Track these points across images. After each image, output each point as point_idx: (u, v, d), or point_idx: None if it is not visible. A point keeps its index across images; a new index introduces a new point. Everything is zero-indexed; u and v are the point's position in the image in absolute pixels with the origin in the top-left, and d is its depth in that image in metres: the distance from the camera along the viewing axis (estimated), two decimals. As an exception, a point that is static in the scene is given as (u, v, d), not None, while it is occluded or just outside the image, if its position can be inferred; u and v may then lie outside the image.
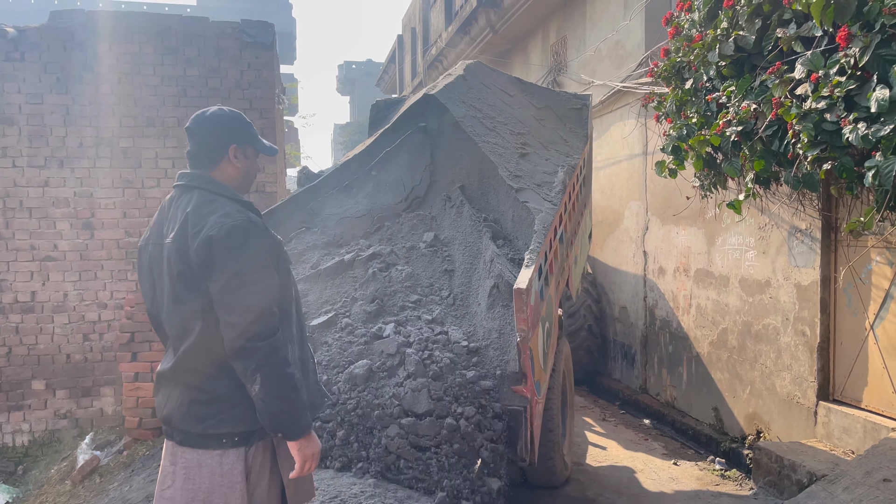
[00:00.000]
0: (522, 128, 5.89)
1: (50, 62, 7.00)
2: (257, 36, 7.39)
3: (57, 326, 7.08)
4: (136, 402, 6.51)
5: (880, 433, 4.66)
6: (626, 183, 8.46)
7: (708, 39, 3.86)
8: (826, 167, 2.89)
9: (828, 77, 2.87)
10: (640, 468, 5.64)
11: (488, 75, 6.53)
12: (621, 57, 8.67)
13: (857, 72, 2.73)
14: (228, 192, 2.33)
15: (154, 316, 2.41)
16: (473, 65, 6.41)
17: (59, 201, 7.07)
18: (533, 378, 3.84)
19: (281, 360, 2.16)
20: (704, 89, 4.09)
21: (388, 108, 6.72)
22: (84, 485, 6.15)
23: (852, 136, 2.64)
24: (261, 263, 2.19)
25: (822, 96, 2.85)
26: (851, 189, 2.99)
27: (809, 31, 3.11)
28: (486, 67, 6.73)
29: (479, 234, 4.82)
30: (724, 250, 6.43)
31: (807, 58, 3.01)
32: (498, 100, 6.11)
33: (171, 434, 2.31)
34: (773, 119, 3.19)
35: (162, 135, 7.27)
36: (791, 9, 3.18)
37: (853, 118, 2.68)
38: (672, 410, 7.29)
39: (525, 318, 3.61)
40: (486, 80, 6.34)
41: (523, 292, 3.56)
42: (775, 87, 3.13)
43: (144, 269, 2.39)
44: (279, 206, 5.58)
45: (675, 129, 4.33)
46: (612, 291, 8.93)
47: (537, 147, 5.75)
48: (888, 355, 4.73)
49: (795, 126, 2.96)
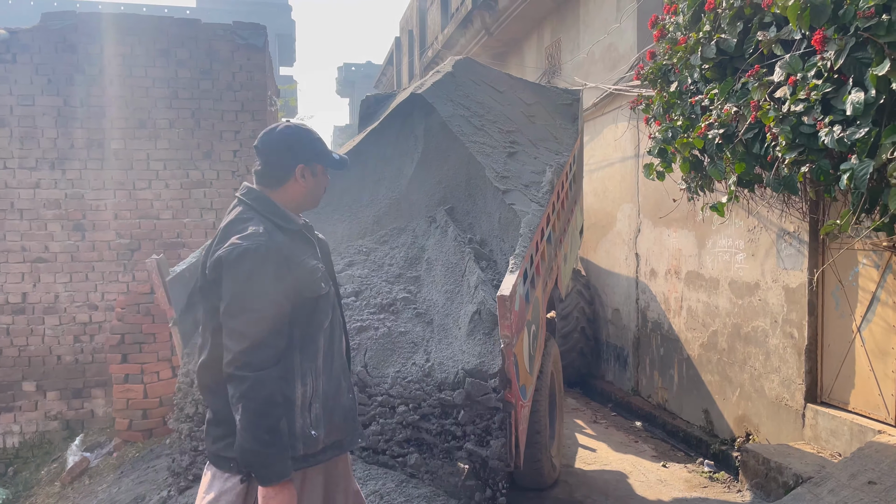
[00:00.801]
0: (511, 125, 5.87)
1: (41, 64, 7.01)
2: (249, 38, 7.40)
3: (48, 328, 7.08)
4: (126, 403, 6.50)
5: (866, 435, 4.66)
6: (618, 185, 8.47)
7: (691, 42, 3.87)
8: (804, 170, 2.90)
9: (805, 80, 2.87)
10: (630, 470, 5.64)
11: (477, 71, 6.51)
12: (614, 59, 8.69)
13: (834, 75, 2.74)
14: (271, 210, 2.28)
15: None
16: (462, 61, 6.39)
17: (51, 203, 7.07)
18: (518, 383, 3.81)
19: (265, 396, 2.05)
20: (689, 92, 4.10)
21: (378, 103, 6.69)
22: (73, 486, 6.15)
23: (828, 139, 2.65)
24: (263, 291, 2.10)
25: (799, 99, 2.86)
26: (829, 192, 2.99)
27: (789, 34, 3.12)
28: (476, 63, 6.71)
29: (462, 256, 4.71)
30: (714, 252, 6.43)
31: (785, 61, 3.01)
32: (487, 96, 6.09)
33: None
34: (752, 122, 3.19)
35: (153, 136, 7.27)
36: (771, 12, 3.19)
37: (829, 121, 2.68)
38: (663, 412, 7.29)
39: (509, 324, 3.53)
40: (476, 76, 6.31)
41: (507, 299, 3.47)
42: (755, 90, 3.13)
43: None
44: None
45: (661, 131, 4.34)
46: (605, 293, 8.93)
47: (526, 145, 5.73)
48: (875, 358, 4.73)
49: (773, 129, 2.97)
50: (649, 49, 4.74)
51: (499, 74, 6.97)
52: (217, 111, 7.40)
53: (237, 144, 7.43)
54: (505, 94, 6.48)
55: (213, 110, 7.38)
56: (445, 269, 4.73)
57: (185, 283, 4.26)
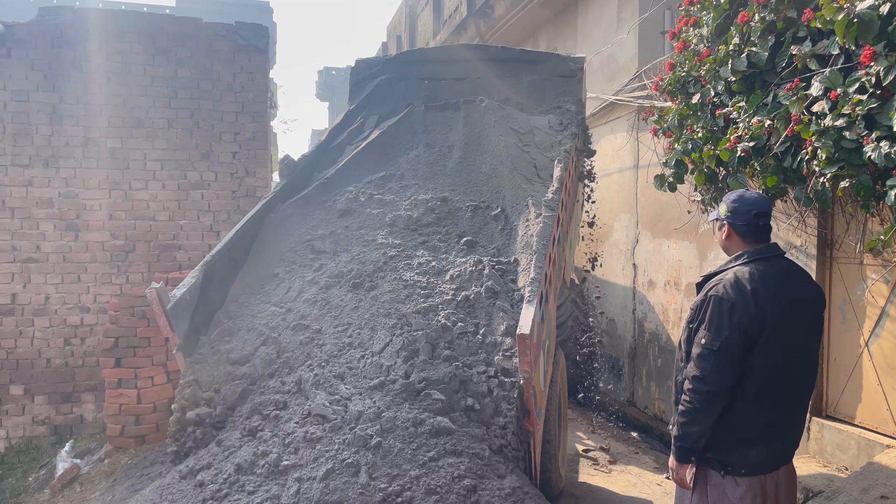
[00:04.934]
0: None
1: (37, 59, 6.85)
2: (251, 39, 7.30)
3: (37, 330, 6.89)
4: (118, 409, 6.33)
5: (874, 450, 4.69)
6: (616, 195, 8.48)
7: (720, 55, 3.87)
8: (843, 185, 2.90)
9: (846, 95, 2.88)
10: (633, 482, 5.62)
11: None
12: (613, 70, 8.72)
13: (878, 90, 2.74)
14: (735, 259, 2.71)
15: None
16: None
17: (43, 201, 6.89)
18: (535, 409, 3.69)
19: None
20: (712, 104, 4.10)
21: (368, 68, 6.56)
22: (63, 494, 5.96)
23: (874, 154, 2.65)
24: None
25: (841, 114, 2.87)
26: (867, 207, 3.00)
27: (825, 48, 3.13)
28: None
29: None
30: (716, 265, 6.42)
31: (825, 75, 3.02)
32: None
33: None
34: (788, 135, 3.19)
35: (151, 136, 7.13)
36: (809, 26, 3.20)
37: (875, 136, 2.69)
38: (661, 424, 7.29)
39: (528, 360, 3.37)
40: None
41: (527, 337, 3.29)
42: (792, 104, 3.14)
43: None
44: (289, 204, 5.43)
45: (680, 143, 4.34)
46: (601, 303, 8.93)
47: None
48: (883, 372, 4.77)
49: (815, 143, 2.97)
50: (668, 60, 4.74)
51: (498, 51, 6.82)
52: (217, 112, 7.28)
53: (236, 146, 7.32)
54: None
55: (212, 111, 7.27)
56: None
57: (187, 306, 4.10)
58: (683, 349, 2.77)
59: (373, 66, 6.61)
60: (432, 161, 5.63)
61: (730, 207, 2.76)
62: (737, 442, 2.62)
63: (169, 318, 3.93)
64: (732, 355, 2.53)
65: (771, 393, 2.61)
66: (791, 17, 3.40)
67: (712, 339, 2.54)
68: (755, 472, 2.63)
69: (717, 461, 2.66)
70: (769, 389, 2.60)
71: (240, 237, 4.75)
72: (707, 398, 2.55)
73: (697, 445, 2.63)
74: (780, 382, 2.62)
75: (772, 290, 2.58)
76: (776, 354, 2.58)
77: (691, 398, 2.58)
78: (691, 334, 2.71)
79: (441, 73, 6.63)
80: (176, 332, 3.97)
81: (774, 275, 2.63)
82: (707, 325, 2.57)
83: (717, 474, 2.67)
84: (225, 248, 4.55)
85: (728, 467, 2.64)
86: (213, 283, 4.42)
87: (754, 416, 2.61)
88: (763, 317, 2.54)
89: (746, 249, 2.72)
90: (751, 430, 2.62)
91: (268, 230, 5.12)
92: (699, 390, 2.55)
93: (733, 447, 2.63)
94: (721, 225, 2.82)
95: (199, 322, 4.27)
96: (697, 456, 2.69)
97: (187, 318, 4.10)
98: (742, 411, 2.60)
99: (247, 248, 4.89)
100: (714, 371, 2.53)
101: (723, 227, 2.81)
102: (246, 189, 7.29)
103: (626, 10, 8.54)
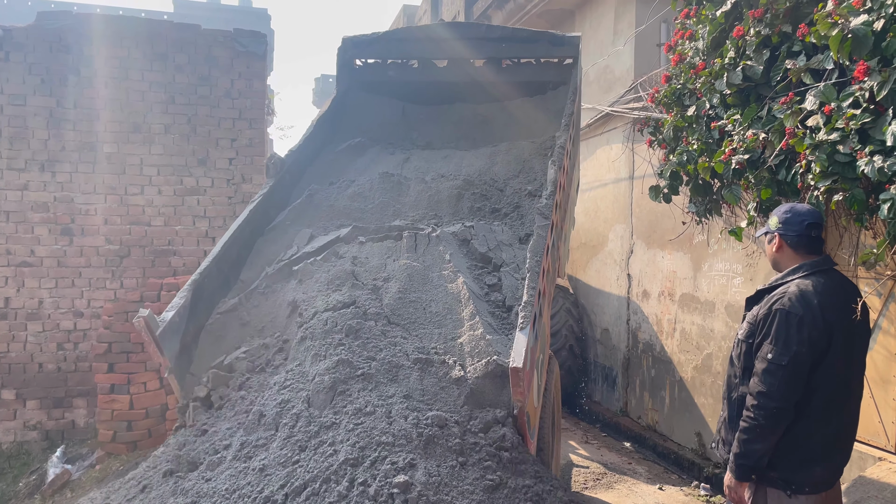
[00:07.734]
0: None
1: (35, 63, 6.85)
2: (250, 45, 7.32)
3: (30, 334, 6.86)
4: (110, 414, 6.31)
5: (866, 462, 4.71)
6: (611, 206, 8.52)
7: (715, 68, 3.91)
8: (837, 198, 2.93)
9: (840, 109, 2.91)
10: (627, 493, 5.62)
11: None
12: (609, 82, 8.78)
13: (872, 105, 2.78)
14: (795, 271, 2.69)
15: None
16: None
17: (39, 206, 6.88)
18: (528, 430, 3.49)
19: None
20: (707, 116, 4.13)
21: (355, 47, 6.23)
22: (54, 500, 5.93)
23: (868, 168, 2.68)
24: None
25: (835, 128, 2.90)
26: (861, 220, 3.03)
27: (819, 63, 3.17)
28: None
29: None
30: (710, 276, 6.49)
31: (819, 90, 3.06)
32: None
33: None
34: (782, 149, 3.23)
35: (148, 141, 7.14)
36: (804, 41, 3.24)
37: (869, 151, 2.72)
38: (654, 434, 7.30)
39: (521, 390, 3.16)
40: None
41: (520, 370, 3.06)
42: (787, 118, 3.17)
43: None
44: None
45: (675, 154, 4.37)
46: (595, 313, 8.96)
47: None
48: (875, 385, 4.79)
49: (809, 156, 3.01)
50: (664, 72, 4.78)
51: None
52: (214, 118, 7.29)
53: (233, 152, 7.32)
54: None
55: (209, 117, 7.28)
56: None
57: (176, 328, 3.94)
58: (739, 364, 2.68)
59: (360, 44, 6.28)
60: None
61: (781, 219, 2.70)
62: (802, 460, 2.55)
63: (158, 344, 3.78)
64: (801, 371, 2.47)
65: (835, 409, 2.55)
66: (786, 31, 3.44)
67: (780, 354, 2.47)
68: (818, 489, 2.57)
69: (782, 480, 2.58)
70: (833, 405, 2.54)
71: (228, 248, 4.55)
72: (773, 415, 2.48)
73: (760, 463, 2.56)
74: (843, 397, 2.57)
75: (836, 303, 2.52)
76: (841, 369, 2.52)
77: (756, 414, 2.50)
78: (751, 349, 2.63)
79: (430, 53, 6.38)
80: (166, 354, 3.83)
81: (835, 287, 2.58)
82: (773, 339, 2.50)
83: (780, 493, 2.59)
84: (213, 262, 4.37)
85: (793, 486, 2.56)
86: (203, 301, 4.31)
87: (819, 433, 2.55)
88: (831, 331, 2.48)
89: (802, 262, 2.66)
90: (816, 447, 2.55)
91: (264, 243, 5.01)
92: (765, 406, 2.48)
93: (798, 466, 2.56)
94: (772, 238, 2.75)
95: (189, 341, 4.19)
96: (758, 475, 2.61)
97: (177, 340, 3.97)
98: (807, 428, 2.54)
99: (235, 259, 4.69)
100: (781, 387, 2.46)
101: (773, 239, 2.74)
102: (242, 195, 7.29)
103: (623, 22, 8.60)
